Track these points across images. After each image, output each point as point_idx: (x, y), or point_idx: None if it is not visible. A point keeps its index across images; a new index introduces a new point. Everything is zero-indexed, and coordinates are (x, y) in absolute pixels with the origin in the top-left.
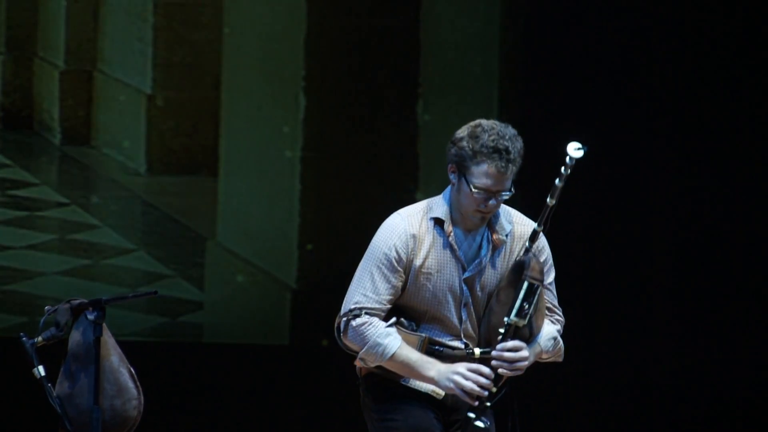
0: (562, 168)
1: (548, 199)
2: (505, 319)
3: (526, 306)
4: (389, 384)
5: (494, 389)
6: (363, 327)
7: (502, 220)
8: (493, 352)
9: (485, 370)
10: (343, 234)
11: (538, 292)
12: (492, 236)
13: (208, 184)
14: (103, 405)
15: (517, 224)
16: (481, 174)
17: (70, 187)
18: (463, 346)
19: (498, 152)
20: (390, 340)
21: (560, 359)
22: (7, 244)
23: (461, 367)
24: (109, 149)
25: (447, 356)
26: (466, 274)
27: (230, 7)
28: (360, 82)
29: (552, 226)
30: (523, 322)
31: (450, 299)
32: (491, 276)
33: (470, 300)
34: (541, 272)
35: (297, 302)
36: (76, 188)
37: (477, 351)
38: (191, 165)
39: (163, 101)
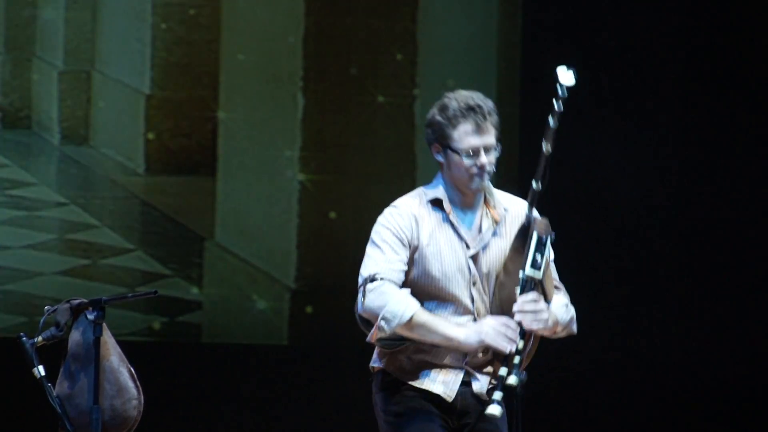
0: (554, 102)
1: (543, 146)
2: (521, 273)
3: (539, 258)
4: (400, 384)
5: (521, 343)
6: (382, 287)
7: (498, 198)
8: (515, 306)
9: (512, 323)
10: (342, 234)
11: (547, 244)
12: (490, 212)
13: (207, 184)
14: (103, 405)
15: (512, 204)
16: (463, 135)
17: (68, 187)
18: None
19: (471, 109)
20: (410, 301)
21: (574, 331)
22: (6, 244)
23: (486, 324)
24: (108, 149)
25: None
26: (472, 252)
27: (228, 8)
28: (357, 81)
29: (553, 224)
30: (538, 274)
31: (459, 278)
32: (495, 254)
33: (478, 278)
34: (548, 227)
35: (295, 302)
36: (75, 188)
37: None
38: (190, 165)
39: (162, 101)
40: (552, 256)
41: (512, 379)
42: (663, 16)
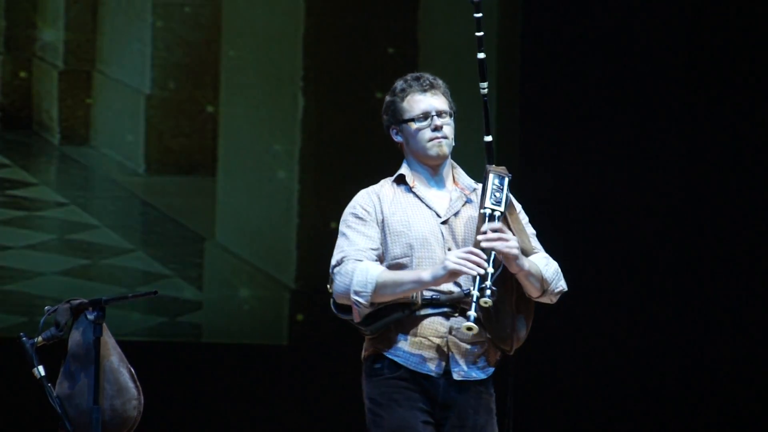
0: (477, 32)
1: (481, 89)
2: (481, 210)
3: (499, 194)
4: (387, 371)
5: (491, 269)
6: (345, 267)
7: (465, 177)
8: (479, 236)
9: (476, 249)
10: None
11: (505, 182)
12: (458, 187)
13: (207, 183)
14: (103, 405)
15: (479, 185)
16: (414, 103)
17: (68, 187)
18: (458, 289)
19: (417, 80)
20: (371, 266)
21: (565, 287)
22: (7, 244)
23: (450, 254)
24: (108, 149)
25: (444, 302)
26: (442, 219)
27: (228, 7)
28: (358, 81)
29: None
30: (499, 209)
31: (433, 243)
32: (469, 223)
33: (453, 245)
34: (505, 170)
35: (295, 302)
36: (75, 188)
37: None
38: (190, 165)
39: (162, 101)
40: (532, 231)
41: (486, 300)
42: (663, 17)
